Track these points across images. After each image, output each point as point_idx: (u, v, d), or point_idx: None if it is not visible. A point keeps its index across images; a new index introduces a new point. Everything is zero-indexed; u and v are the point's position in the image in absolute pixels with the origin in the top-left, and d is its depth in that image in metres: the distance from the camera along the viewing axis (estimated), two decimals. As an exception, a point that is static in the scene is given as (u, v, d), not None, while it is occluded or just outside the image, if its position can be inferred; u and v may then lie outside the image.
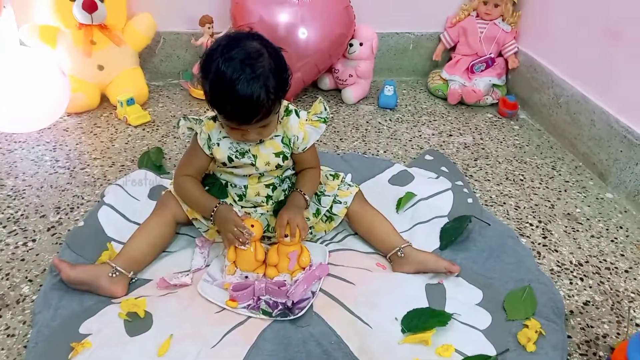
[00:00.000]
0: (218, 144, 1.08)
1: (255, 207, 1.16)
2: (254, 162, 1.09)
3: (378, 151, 1.62)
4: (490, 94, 1.93)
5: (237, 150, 1.08)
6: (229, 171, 1.13)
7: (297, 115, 1.12)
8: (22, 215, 1.23)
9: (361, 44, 1.84)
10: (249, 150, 1.08)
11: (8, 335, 0.93)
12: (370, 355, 0.92)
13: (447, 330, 0.98)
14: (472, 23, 1.96)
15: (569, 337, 1.03)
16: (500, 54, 1.99)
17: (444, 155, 1.61)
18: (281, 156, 1.10)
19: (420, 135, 1.73)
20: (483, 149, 1.68)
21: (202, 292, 1.02)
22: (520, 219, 1.36)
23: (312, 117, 1.13)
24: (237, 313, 0.99)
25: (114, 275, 1.01)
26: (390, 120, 1.82)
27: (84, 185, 1.35)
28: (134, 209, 1.22)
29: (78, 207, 1.27)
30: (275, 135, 1.10)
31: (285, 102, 1.11)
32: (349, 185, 1.21)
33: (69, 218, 1.23)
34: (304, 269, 1.08)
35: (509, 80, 2.01)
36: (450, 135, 1.75)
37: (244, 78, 0.92)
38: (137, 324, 0.94)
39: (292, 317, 0.98)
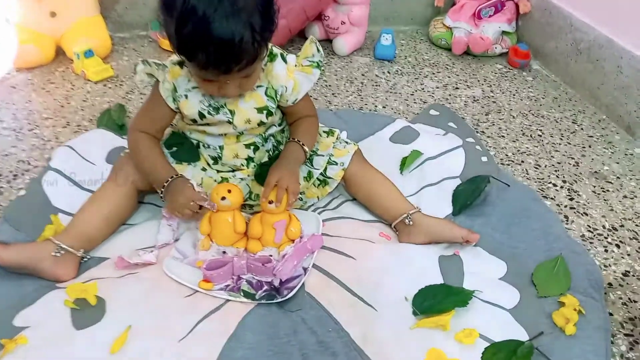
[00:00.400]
0: (186, 96, 0.88)
1: (233, 171, 0.97)
2: (231, 120, 0.89)
3: (376, 106, 1.42)
4: (499, 42, 1.73)
5: (209, 105, 0.88)
6: (201, 129, 0.93)
7: (284, 60, 0.92)
8: (-46, 184, 1.02)
9: (354, -14, 1.62)
10: (225, 104, 0.88)
11: None
12: (377, 344, 0.75)
13: (468, 311, 0.81)
14: (479, -38, 1.73)
15: (610, 314, 0.86)
16: (510, -2, 1.77)
17: (451, 110, 1.41)
18: (264, 112, 0.91)
19: (422, 89, 1.53)
20: (494, 102, 1.49)
21: (169, 271, 0.84)
22: (542, 179, 1.19)
23: (303, 61, 0.93)
24: (212, 296, 0.81)
25: (58, 254, 0.82)
26: (388, 72, 1.61)
27: (32, 149, 1.14)
28: (89, 175, 1.02)
29: (23, 174, 1.07)
30: (258, 86, 0.90)
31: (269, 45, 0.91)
32: (346, 142, 1.01)
33: (11, 187, 1.03)
34: (293, 241, 0.91)
35: (519, 27, 1.80)
36: (457, 88, 1.55)
37: (221, 13, 0.72)
38: (86, 313, 0.76)
39: (279, 300, 0.81)
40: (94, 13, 1.54)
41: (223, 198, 0.87)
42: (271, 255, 0.89)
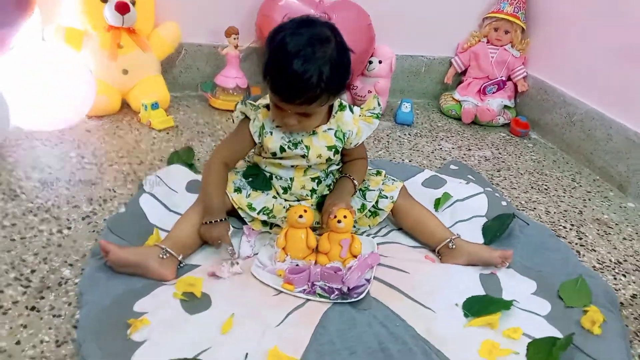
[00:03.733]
0: (271, 133, 1.08)
1: (299, 200, 1.14)
2: (306, 154, 1.08)
3: (403, 160, 1.64)
4: (502, 114, 2.00)
5: (289, 141, 1.07)
6: (277, 162, 1.12)
7: (351, 110, 1.13)
8: (53, 205, 1.17)
9: (380, 62, 1.89)
10: (302, 140, 1.08)
11: (54, 316, 0.86)
12: (440, 338, 0.89)
13: (510, 316, 0.96)
14: (484, 48, 2.05)
15: (626, 325, 1.02)
16: (509, 78, 2.07)
17: (468, 166, 1.63)
18: (333, 150, 1.10)
19: (440, 148, 1.76)
20: (503, 162, 1.72)
21: (257, 275, 0.98)
22: (553, 222, 1.38)
23: (366, 112, 1.14)
24: (294, 296, 0.95)
25: (164, 257, 0.96)
26: (409, 134, 1.85)
27: (115, 180, 1.30)
28: (173, 200, 1.18)
29: (111, 200, 1.22)
30: (329, 129, 1.10)
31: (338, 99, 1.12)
32: (393, 180, 1.21)
33: (102, 209, 1.18)
34: (355, 257, 1.06)
35: (517, 103, 2.09)
36: (469, 149, 1.79)
37: (303, 55, 0.92)
38: (195, 303, 0.89)
39: (351, 300, 0.95)
40: (157, 72, 1.76)
41: (300, 216, 1.04)
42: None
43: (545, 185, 1.59)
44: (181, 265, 1.00)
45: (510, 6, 1.99)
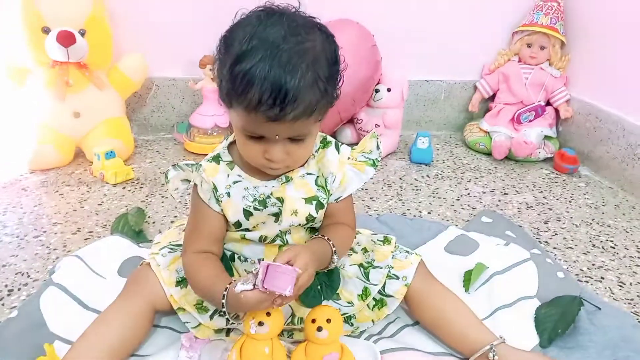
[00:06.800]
0: (228, 194, 0.74)
1: (271, 288, 0.79)
2: (280, 210, 0.74)
3: (420, 212, 1.28)
4: (542, 147, 1.63)
5: (255, 199, 0.74)
6: (240, 236, 0.78)
7: (338, 149, 0.79)
8: None
9: (389, 90, 1.57)
10: (272, 194, 0.75)
11: None
12: None
13: None
14: (515, 68, 1.70)
15: None
16: (548, 103, 1.71)
17: (505, 217, 1.26)
18: (314, 203, 0.76)
19: (468, 194, 1.40)
20: (550, 209, 1.34)
21: None
22: (632, 299, 0.99)
23: (358, 156, 0.81)
24: None
25: (47, 398, 0.63)
26: (427, 176, 1.49)
27: (34, 259, 0.99)
28: (96, 292, 0.85)
29: (19, 289, 0.90)
30: (308, 174, 0.76)
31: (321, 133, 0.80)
32: (407, 252, 0.85)
33: (3, 305, 0.86)
34: (347, 381, 0.70)
35: (560, 133, 1.71)
36: (505, 193, 1.42)
37: (288, 49, 0.61)
38: None
39: None
40: (120, 114, 1.47)
41: (260, 323, 0.69)
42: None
43: (611, 241, 1.20)
44: (80, 406, 0.66)
45: (545, 17, 1.64)
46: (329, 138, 0.81)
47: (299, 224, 0.77)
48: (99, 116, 1.41)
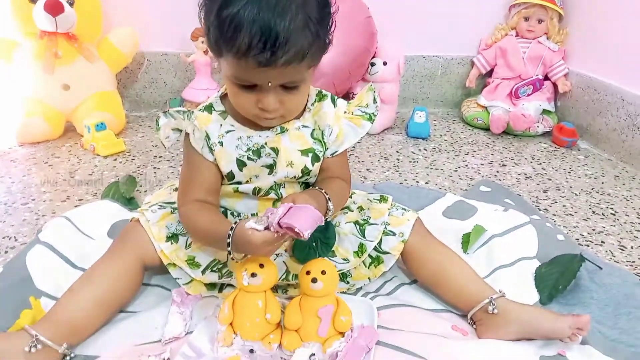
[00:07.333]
0: (221, 143, 0.72)
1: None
2: (274, 161, 0.72)
3: (417, 182, 1.26)
4: (540, 121, 1.61)
5: (249, 148, 0.72)
6: (233, 190, 0.76)
7: (334, 102, 0.77)
8: None
9: (385, 64, 1.54)
10: (266, 143, 0.72)
11: None
12: None
13: None
14: (513, 42, 1.67)
15: None
16: (546, 77, 1.69)
17: (504, 187, 1.24)
18: (310, 155, 0.74)
19: (466, 165, 1.38)
20: (549, 179, 1.32)
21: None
22: (634, 261, 0.97)
23: (354, 109, 0.79)
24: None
25: (34, 349, 0.61)
26: (425, 149, 1.47)
27: (21, 224, 0.96)
28: (84, 252, 0.82)
29: (7, 252, 0.88)
30: (304, 126, 0.74)
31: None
32: (404, 209, 0.83)
33: (-12, 266, 0.83)
34: (343, 334, 0.68)
35: (559, 107, 1.69)
36: (504, 165, 1.40)
37: None
38: None
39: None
40: (110, 88, 1.44)
41: (253, 275, 0.67)
42: (313, 355, 0.66)
43: (611, 208, 1.18)
44: (67, 358, 0.64)
45: (543, -11, 1.62)
46: (325, 92, 0.79)
47: (294, 177, 0.75)
48: (89, 89, 1.38)
